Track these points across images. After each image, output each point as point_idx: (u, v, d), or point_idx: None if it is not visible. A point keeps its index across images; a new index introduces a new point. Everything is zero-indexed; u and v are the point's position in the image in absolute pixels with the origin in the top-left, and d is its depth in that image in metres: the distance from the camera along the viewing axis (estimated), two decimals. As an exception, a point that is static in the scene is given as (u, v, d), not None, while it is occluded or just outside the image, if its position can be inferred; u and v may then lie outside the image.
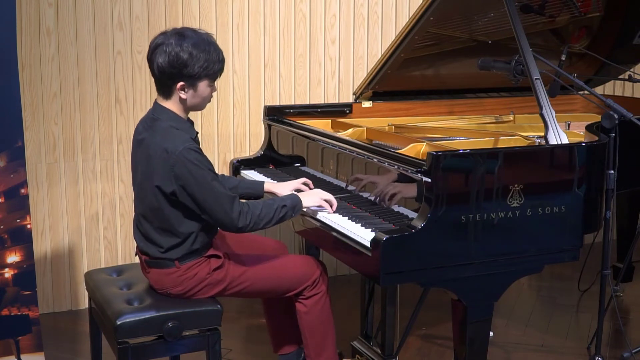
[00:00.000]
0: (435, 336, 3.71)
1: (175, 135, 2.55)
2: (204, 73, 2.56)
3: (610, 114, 2.84)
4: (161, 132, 2.57)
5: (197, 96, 2.61)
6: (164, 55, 2.52)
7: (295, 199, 2.72)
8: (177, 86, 2.56)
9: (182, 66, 2.51)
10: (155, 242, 2.65)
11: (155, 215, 2.62)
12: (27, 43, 3.76)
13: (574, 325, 3.88)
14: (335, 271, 4.49)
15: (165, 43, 2.53)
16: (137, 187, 2.68)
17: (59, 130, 3.88)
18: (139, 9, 3.94)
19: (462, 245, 2.47)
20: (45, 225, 3.93)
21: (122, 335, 2.54)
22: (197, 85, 2.58)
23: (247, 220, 2.57)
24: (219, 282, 2.69)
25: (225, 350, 3.43)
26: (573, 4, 3.65)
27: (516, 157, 2.60)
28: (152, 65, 2.57)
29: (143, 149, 2.62)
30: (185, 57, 2.51)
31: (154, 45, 2.56)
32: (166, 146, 2.52)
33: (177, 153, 2.49)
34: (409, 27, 3.29)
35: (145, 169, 2.60)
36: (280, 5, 4.23)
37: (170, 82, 2.56)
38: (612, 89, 5.02)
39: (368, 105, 3.68)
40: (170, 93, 2.60)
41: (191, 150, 2.52)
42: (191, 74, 2.53)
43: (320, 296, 2.80)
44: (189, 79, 2.55)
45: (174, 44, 2.51)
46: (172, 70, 2.53)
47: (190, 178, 2.51)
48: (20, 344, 3.18)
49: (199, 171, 2.51)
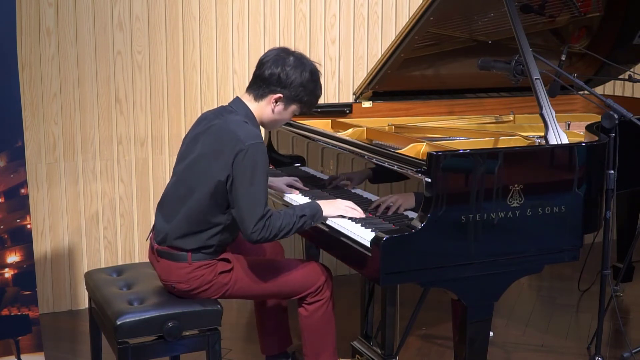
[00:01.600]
0: (435, 336, 3.71)
1: (249, 129, 2.61)
2: (304, 101, 2.68)
3: (610, 114, 2.84)
4: (235, 122, 2.62)
5: (281, 114, 2.70)
6: (284, 65, 2.63)
7: (314, 207, 2.69)
8: (276, 96, 2.65)
9: (294, 84, 2.63)
10: (176, 224, 2.64)
11: (192, 199, 2.61)
12: (27, 43, 3.76)
13: (574, 325, 3.88)
14: (335, 271, 4.47)
15: (289, 58, 2.65)
16: (185, 167, 2.67)
17: (59, 130, 3.88)
18: (139, 9, 3.94)
19: (462, 245, 2.47)
20: (45, 225, 3.93)
21: (122, 335, 2.54)
22: (290, 106, 2.69)
23: (266, 233, 2.55)
24: (223, 285, 2.69)
25: (225, 350, 3.43)
26: (573, 4, 3.65)
27: (516, 157, 2.60)
28: (264, 67, 2.65)
29: (211, 133, 2.63)
30: (302, 79, 2.64)
31: (275, 52, 2.67)
32: (240, 134, 2.56)
33: (248, 143, 2.53)
34: (409, 27, 3.29)
35: (206, 150, 2.61)
36: (280, 5, 4.23)
37: (273, 88, 2.64)
38: (612, 89, 5.02)
39: (368, 105, 3.69)
40: (264, 97, 2.67)
41: (262, 147, 2.57)
42: (295, 94, 2.65)
43: (322, 302, 2.79)
44: (289, 96, 2.65)
45: (294, 63, 2.64)
46: (285, 81, 2.63)
47: (248, 171, 2.53)
48: (20, 344, 3.18)
49: (257, 169, 2.54)
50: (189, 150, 2.69)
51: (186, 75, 4.08)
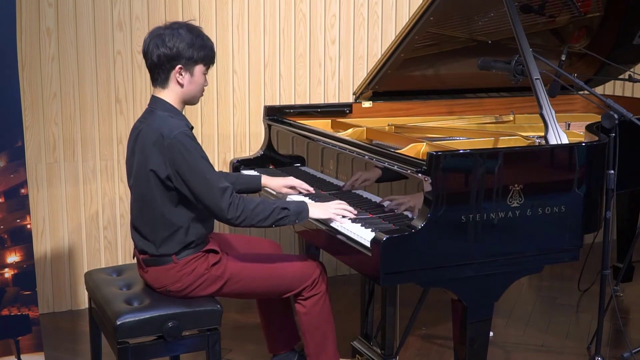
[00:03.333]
0: (435, 336, 3.71)
1: (171, 122, 2.60)
2: (200, 57, 2.63)
3: (610, 114, 2.84)
4: (157, 120, 2.62)
5: (193, 82, 2.66)
6: (162, 42, 2.60)
7: (301, 205, 2.68)
8: (175, 70, 2.62)
9: (182, 49, 2.59)
10: (150, 237, 2.66)
11: (149, 207, 2.63)
12: (27, 43, 3.76)
13: (574, 325, 3.88)
14: (335, 271, 4.49)
15: (162, 33, 2.61)
16: (133, 181, 2.70)
17: (59, 130, 3.89)
18: (139, 9, 3.94)
19: (462, 245, 2.47)
20: (45, 225, 3.93)
21: (122, 335, 2.54)
22: (194, 69, 2.64)
23: (237, 212, 2.56)
24: (217, 279, 2.69)
25: (225, 350, 3.43)
26: (573, 4, 3.65)
27: (516, 157, 2.60)
28: (150, 55, 2.63)
29: (140, 139, 2.64)
30: (185, 42, 2.60)
31: (149, 37, 2.64)
32: (162, 130, 2.56)
33: (172, 137, 2.54)
34: (409, 27, 3.29)
35: (141, 157, 2.62)
36: (280, 5, 4.23)
37: (168, 66, 2.62)
38: (612, 89, 5.02)
39: (368, 105, 3.68)
40: (168, 80, 2.65)
41: (186, 135, 2.57)
42: (189, 56, 2.61)
43: (319, 297, 2.80)
44: (186, 62, 2.61)
45: (170, 33, 2.61)
46: (171, 53, 2.60)
47: (184, 163, 2.54)
48: (20, 344, 3.18)
49: (192, 157, 2.55)
50: (130, 164, 2.71)
51: (186, 75, 4.08)
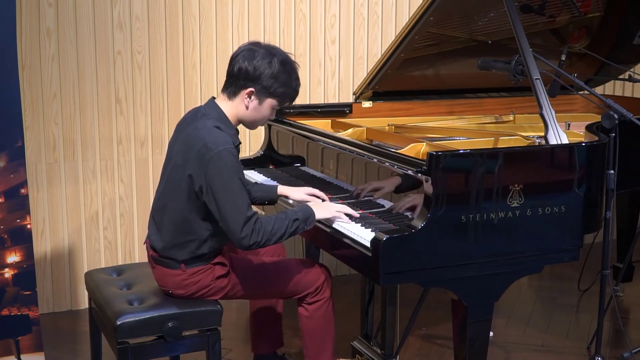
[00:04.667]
0: (435, 336, 3.70)
1: (218, 135, 2.53)
2: (277, 93, 2.58)
3: (610, 114, 2.84)
4: (206, 127, 2.55)
5: (257, 110, 2.61)
6: (251, 57, 2.55)
7: (307, 211, 2.65)
8: (247, 90, 2.57)
9: (264, 76, 2.54)
10: (164, 236, 2.63)
11: (173, 208, 2.60)
12: (27, 43, 3.76)
13: (574, 325, 3.88)
14: (335, 271, 4.49)
15: (257, 50, 2.56)
16: (165, 179, 2.66)
17: (59, 130, 3.88)
18: (139, 9, 3.94)
19: (462, 245, 2.47)
20: (45, 225, 3.93)
21: (122, 335, 2.54)
22: (265, 100, 2.60)
23: (257, 237, 2.51)
24: (221, 289, 2.69)
25: (225, 350, 3.43)
26: (573, 4, 3.65)
27: (516, 157, 2.60)
28: (234, 63, 2.58)
29: (183, 139, 2.60)
30: (270, 71, 2.54)
31: (245, 46, 2.60)
32: (207, 141, 2.50)
33: (216, 151, 2.48)
34: (409, 27, 3.29)
35: (181, 159, 2.57)
36: (280, 5, 4.23)
37: (243, 83, 2.56)
38: (612, 89, 5.02)
39: (368, 105, 3.68)
40: (236, 94, 2.60)
41: (230, 153, 2.50)
42: (267, 86, 2.56)
43: (323, 302, 2.78)
44: (261, 89, 2.57)
45: (263, 54, 2.55)
46: (253, 74, 2.54)
47: (219, 179, 2.48)
48: (20, 344, 3.18)
49: (229, 176, 2.49)
50: (168, 158, 2.68)
51: (186, 75, 4.08)
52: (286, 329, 3.20)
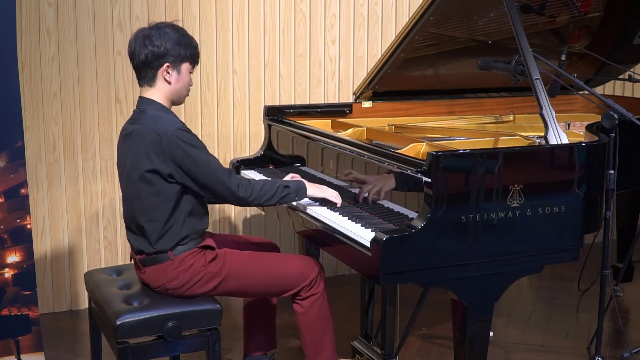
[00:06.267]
0: (435, 336, 3.71)
1: (165, 119, 2.64)
2: (187, 55, 2.68)
3: (610, 114, 2.84)
4: (150, 119, 2.64)
5: (180, 80, 2.70)
6: (150, 41, 2.63)
7: (299, 183, 2.79)
8: (163, 68, 2.65)
9: (169, 47, 2.63)
10: (146, 235, 2.66)
11: (143, 206, 2.64)
12: (27, 43, 3.76)
13: (574, 325, 3.88)
14: (335, 271, 4.49)
15: (148, 33, 2.65)
16: (125, 182, 2.72)
17: (59, 130, 3.89)
18: (139, 9, 3.94)
19: (462, 245, 2.47)
20: (45, 225, 3.93)
21: (122, 335, 2.54)
22: (181, 67, 2.69)
23: (247, 192, 2.65)
24: (215, 275, 2.69)
25: (226, 350, 3.43)
26: (573, 4, 3.65)
27: (516, 157, 2.60)
28: (137, 55, 2.66)
29: (132, 140, 2.66)
30: (172, 40, 2.64)
31: (135, 38, 2.67)
32: (158, 130, 2.59)
33: (169, 134, 2.57)
34: (409, 27, 3.29)
35: (134, 157, 2.63)
36: (280, 5, 4.23)
37: (156, 63, 2.65)
38: (612, 89, 5.03)
39: (368, 105, 3.68)
40: (155, 78, 2.68)
41: (182, 130, 2.61)
42: (176, 54, 2.65)
43: (317, 296, 2.79)
44: (174, 60, 2.65)
45: (156, 32, 2.65)
46: (159, 51, 2.63)
47: (186, 157, 2.58)
48: (20, 344, 3.18)
49: (193, 150, 2.59)
50: (122, 165, 2.73)
51: (186, 75, 4.08)
52: (287, 327, 3.20)
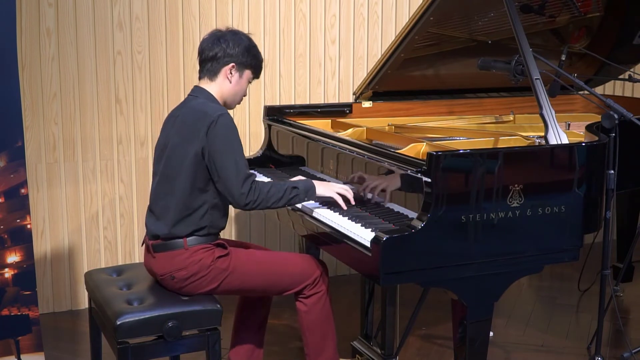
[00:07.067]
0: (435, 336, 3.71)
1: (214, 105, 2.71)
2: (252, 64, 2.79)
3: (610, 114, 2.84)
4: (200, 104, 2.73)
5: (238, 84, 2.78)
6: (224, 40, 2.74)
7: (308, 184, 2.77)
8: (228, 67, 2.75)
9: (240, 51, 2.74)
10: (166, 218, 2.68)
11: (174, 189, 2.67)
12: (27, 43, 3.76)
13: (574, 325, 3.88)
14: (335, 271, 4.49)
15: (224, 34, 2.76)
16: (164, 162, 2.73)
17: (59, 130, 3.88)
18: (139, 9, 3.94)
19: (462, 245, 2.47)
20: (45, 225, 3.93)
21: (122, 335, 2.54)
22: (244, 72, 2.79)
23: (254, 196, 2.64)
24: (221, 272, 2.69)
25: (226, 350, 3.43)
26: (573, 4, 3.65)
27: (516, 157, 2.60)
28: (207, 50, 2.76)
29: (178, 122, 2.72)
30: (244, 46, 2.75)
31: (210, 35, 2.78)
32: (206, 109, 2.66)
33: (217, 115, 2.63)
34: (409, 27, 3.29)
35: (177, 139, 2.69)
36: (280, 5, 4.23)
37: (223, 61, 2.74)
38: (612, 89, 5.02)
39: (368, 105, 3.69)
40: (218, 73, 2.76)
41: (228, 117, 2.66)
42: (244, 60, 2.76)
43: (320, 295, 2.80)
44: (240, 63, 2.75)
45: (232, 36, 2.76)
46: (230, 51, 2.73)
47: (220, 139, 2.62)
48: (20, 344, 3.18)
49: (229, 137, 2.64)
50: (162, 147, 2.77)
51: (186, 75, 4.08)
52: (287, 327, 3.20)
